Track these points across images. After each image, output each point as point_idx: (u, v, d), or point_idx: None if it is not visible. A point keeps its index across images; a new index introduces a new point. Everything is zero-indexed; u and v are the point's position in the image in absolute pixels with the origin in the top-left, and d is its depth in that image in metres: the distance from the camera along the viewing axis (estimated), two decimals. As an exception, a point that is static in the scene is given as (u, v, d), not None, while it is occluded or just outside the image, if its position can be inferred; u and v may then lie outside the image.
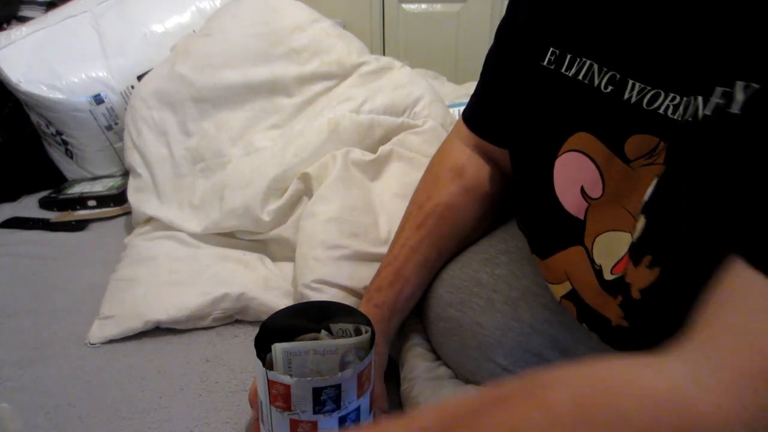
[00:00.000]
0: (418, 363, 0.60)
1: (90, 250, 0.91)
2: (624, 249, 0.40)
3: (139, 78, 1.08)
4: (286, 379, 0.42)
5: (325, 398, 0.43)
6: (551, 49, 0.46)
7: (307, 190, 0.80)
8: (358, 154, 0.79)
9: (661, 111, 0.37)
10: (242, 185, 0.81)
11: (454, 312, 0.57)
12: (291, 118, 0.89)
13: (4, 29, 1.17)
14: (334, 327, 0.51)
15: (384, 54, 2.05)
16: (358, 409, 0.45)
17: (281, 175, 0.79)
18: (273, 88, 0.90)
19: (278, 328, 0.48)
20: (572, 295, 0.47)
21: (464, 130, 0.63)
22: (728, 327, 0.26)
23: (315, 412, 0.43)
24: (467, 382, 0.58)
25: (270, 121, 0.90)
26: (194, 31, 1.11)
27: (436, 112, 0.90)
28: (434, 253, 0.59)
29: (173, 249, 0.82)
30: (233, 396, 0.60)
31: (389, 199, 0.77)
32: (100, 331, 0.69)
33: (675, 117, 0.36)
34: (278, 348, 0.46)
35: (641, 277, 0.38)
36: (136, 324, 0.69)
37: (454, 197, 0.60)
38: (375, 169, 0.81)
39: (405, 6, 2.22)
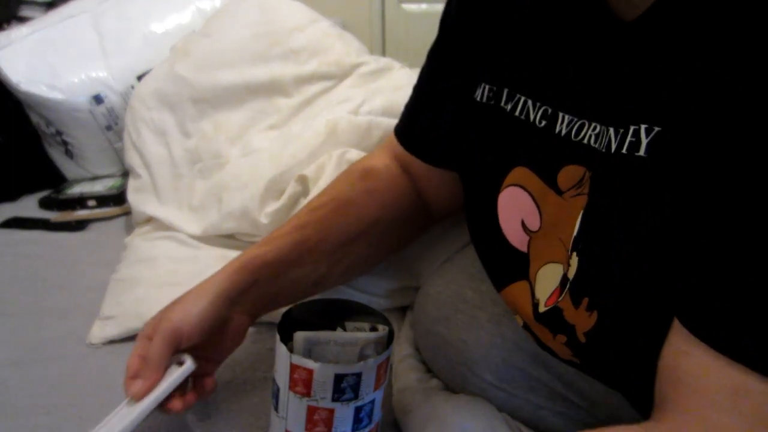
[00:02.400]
0: (410, 374, 0.61)
1: (90, 250, 0.91)
2: (556, 281, 0.41)
3: (139, 78, 1.08)
4: (310, 364, 0.43)
5: (345, 386, 0.43)
6: (484, 84, 0.47)
7: (304, 191, 0.80)
8: (355, 154, 0.80)
9: (585, 141, 0.38)
10: (240, 187, 0.81)
11: (440, 328, 0.58)
12: (289, 119, 0.89)
13: (4, 29, 1.18)
14: (350, 326, 0.51)
15: (384, 54, 2.05)
16: (373, 402, 0.46)
17: (279, 177, 0.79)
18: (271, 89, 0.90)
19: (298, 320, 0.49)
20: (527, 327, 0.48)
21: (391, 140, 0.63)
22: (696, 418, 0.27)
23: (333, 400, 0.44)
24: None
25: (268, 122, 0.90)
26: (194, 31, 1.11)
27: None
28: (315, 237, 0.56)
29: (173, 249, 0.82)
30: (234, 395, 0.60)
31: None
32: (100, 331, 0.69)
33: (596, 146, 0.37)
34: (300, 336, 0.47)
35: (583, 320, 0.38)
36: (136, 324, 0.69)
37: (353, 195, 0.60)
38: None
39: (405, 6, 2.22)
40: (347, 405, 0.44)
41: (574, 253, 0.38)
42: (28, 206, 1.08)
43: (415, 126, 0.60)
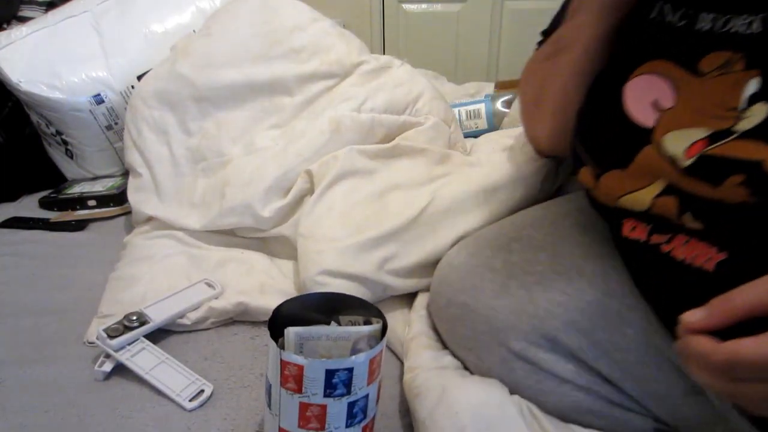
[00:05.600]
0: (422, 352, 0.59)
1: (90, 250, 0.91)
2: (694, 138, 0.44)
3: (139, 78, 1.07)
4: (300, 360, 0.42)
5: (337, 381, 0.43)
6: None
7: (310, 189, 0.80)
8: (361, 149, 0.80)
9: (732, 30, 0.42)
10: (244, 183, 0.81)
11: (465, 298, 0.57)
12: (292, 118, 0.89)
13: (4, 29, 1.17)
14: (344, 319, 0.51)
15: (384, 54, 2.05)
16: (366, 396, 0.46)
17: (283, 176, 0.79)
18: (273, 88, 0.90)
19: (290, 315, 0.49)
20: (671, 189, 0.47)
21: None
22: None
23: (325, 396, 0.43)
24: (474, 372, 0.58)
25: (271, 121, 0.90)
26: (194, 30, 1.11)
27: (437, 108, 0.90)
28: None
29: (173, 248, 0.82)
30: (231, 393, 0.60)
31: (393, 188, 0.77)
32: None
33: (749, 32, 0.42)
34: (291, 331, 0.47)
35: None
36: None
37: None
38: (383, 157, 0.82)
39: (405, 6, 2.22)
40: (340, 400, 0.44)
41: (758, 104, 0.42)
42: (28, 206, 1.08)
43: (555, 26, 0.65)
